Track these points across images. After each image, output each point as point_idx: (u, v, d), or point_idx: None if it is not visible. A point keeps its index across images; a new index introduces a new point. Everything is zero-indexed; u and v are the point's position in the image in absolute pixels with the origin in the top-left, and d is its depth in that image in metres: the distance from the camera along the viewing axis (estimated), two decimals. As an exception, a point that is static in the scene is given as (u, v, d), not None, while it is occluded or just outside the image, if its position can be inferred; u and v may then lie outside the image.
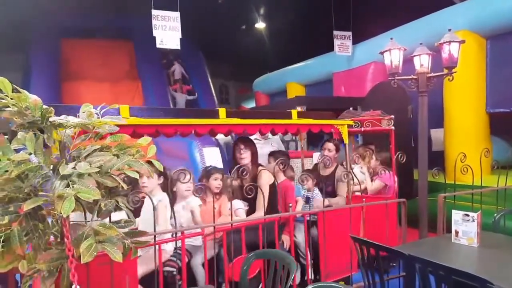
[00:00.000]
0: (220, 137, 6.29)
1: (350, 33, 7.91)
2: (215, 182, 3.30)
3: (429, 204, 3.71)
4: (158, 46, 6.72)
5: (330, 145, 4.13)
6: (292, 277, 1.91)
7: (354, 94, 7.16)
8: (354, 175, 3.77)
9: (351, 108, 4.56)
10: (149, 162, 1.94)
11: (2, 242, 1.58)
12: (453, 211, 2.61)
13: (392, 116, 4.02)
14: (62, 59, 9.95)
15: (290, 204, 3.25)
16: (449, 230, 2.74)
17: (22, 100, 1.67)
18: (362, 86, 7.09)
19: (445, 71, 3.54)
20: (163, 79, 10.64)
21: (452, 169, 4.03)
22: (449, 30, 3.40)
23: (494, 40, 5.63)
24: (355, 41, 7.94)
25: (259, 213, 3.26)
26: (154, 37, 6.57)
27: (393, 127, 4.30)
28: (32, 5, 8.21)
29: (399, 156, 3.59)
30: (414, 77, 3.45)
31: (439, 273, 1.78)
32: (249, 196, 2.81)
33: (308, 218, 3.25)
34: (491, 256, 2.41)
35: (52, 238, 1.85)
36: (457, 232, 2.59)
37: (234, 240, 2.74)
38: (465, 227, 2.54)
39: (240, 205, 3.37)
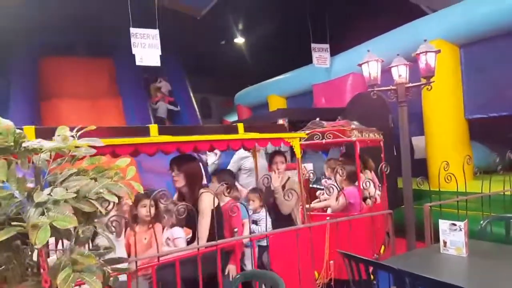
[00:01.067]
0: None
1: (327, 46, 8.04)
2: (143, 210, 2.95)
3: (414, 213, 3.72)
4: (137, 63, 6.67)
5: (281, 158, 3.88)
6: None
7: (334, 105, 7.23)
8: (327, 189, 3.71)
9: (317, 119, 4.43)
10: (129, 184, 1.88)
11: (-27, 277, 1.50)
12: (440, 221, 2.62)
13: (356, 126, 3.93)
14: (41, 77, 9.77)
15: (236, 229, 2.99)
16: (437, 239, 2.74)
17: (-8, 126, 1.60)
18: (342, 96, 7.18)
19: (423, 80, 3.61)
20: (143, 95, 10.56)
21: (435, 176, 4.09)
22: (425, 40, 3.48)
23: (467, 48, 5.80)
24: (333, 53, 8.07)
25: (200, 242, 2.80)
26: (134, 54, 6.52)
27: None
28: (10, 22, 8.05)
29: (384, 167, 3.62)
30: (393, 87, 3.50)
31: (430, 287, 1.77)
32: (180, 216, 2.55)
33: (259, 243, 3.10)
34: (481, 266, 2.40)
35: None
36: (445, 242, 2.58)
37: (168, 276, 2.38)
38: (452, 237, 2.54)
39: (179, 234, 2.99)
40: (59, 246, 1.81)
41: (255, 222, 3.51)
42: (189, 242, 3.04)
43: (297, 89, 9.30)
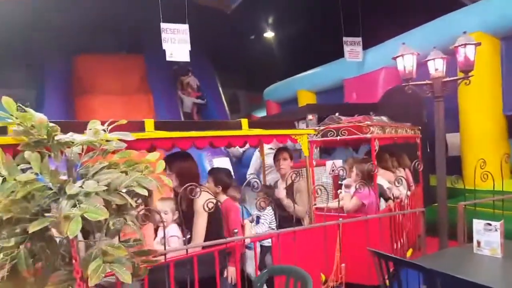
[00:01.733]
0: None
1: (360, 39, 7.83)
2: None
3: (447, 212, 3.58)
4: (168, 59, 6.75)
5: (285, 154, 3.66)
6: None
7: (365, 100, 7.05)
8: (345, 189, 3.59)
9: (337, 114, 4.22)
10: (158, 178, 1.90)
11: (9, 265, 1.55)
12: (475, 221, 2.49)
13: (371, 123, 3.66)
14: (75, 74, 10.12)
15: (236, 230, 2.73)
16: (470, 238, 2.62)
17: (27, 119, 1.65)
18: (374, 91, 6.99)
19: (460, 74, 3.44)
20: (173, 91, 10.72)
21: (470, 174, 3.91)
22: (464, 32, 3.30)
23: (508, 40, 5.48)
24: (365, 47, 7.86)
25: (196, 243, 2.66)
26: (164, 50, 6.61)
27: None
28: (44, 22, 8.37)
29: (416, 164, 3.47)
30: (429, 82, 3.35)
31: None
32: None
33: (262, 243, 3.00)
34: (517, 268, 2.27)
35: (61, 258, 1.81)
36: (479, 243, 2.46)
37: (161, 278, 2.25)
38: (487, 237, 2.42)
39: (175, 232, 2.74)
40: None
41: (257, 219, 3.37)
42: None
43: (328, 84, 9.15)
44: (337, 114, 4.11)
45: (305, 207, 3.36)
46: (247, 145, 3.21)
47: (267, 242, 3.11)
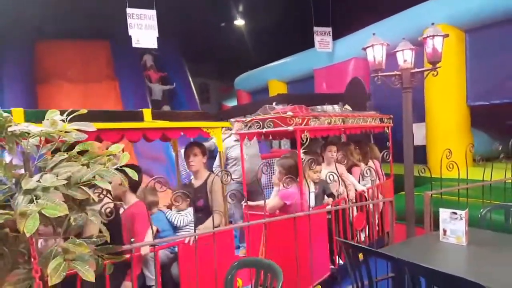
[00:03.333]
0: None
1: (330, 29, 7.87)
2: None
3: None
4: (134, 45, 6.52)
5: (195, 150, 3.27)
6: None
7: (335, 90, 7.13)
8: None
9: (274, 104, 3.96)
10: (122, 170, 1.82)
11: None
12: (441, 210, 2.57)
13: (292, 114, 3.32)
14: (37, 61, 9.64)
15: (132, 240, 2.27)
16: (436, 226, 2.71)
17: (-23, 109, 1.53)
18: (344, 81, 7.07)
19: (427, 65, 3.51)
20: (141, 78, 10.43)
21: (435, 163, 4.04)
22: (432, 24, 3.36)
23: (473, 33, 5.67)
24: (335, 37, 7.91)
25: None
26: (131, 36, 6.38)
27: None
28: (4, 6, 7.86)
29: (385, 155, 3.54)
30: (398, 73, 3.39)
31: (429, 277, 1.73)
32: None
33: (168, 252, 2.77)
34: (480, 255, 2.37)
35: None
36: (445, 231, 2.55)
37: None
38: (453, 226, 2.50)
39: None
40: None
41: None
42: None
43: (298, 74, 9.16)
44: (274, 103, 3.82)
45: (219, 207, 3.04)
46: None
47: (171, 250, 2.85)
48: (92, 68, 10.27)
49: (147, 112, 2.69)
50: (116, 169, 1.78)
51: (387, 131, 4.59)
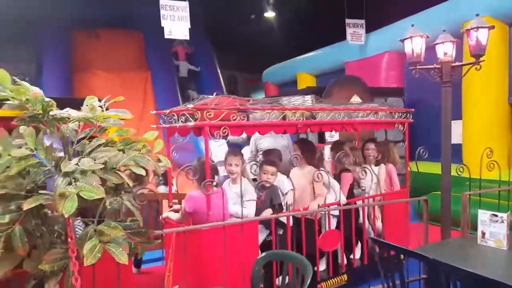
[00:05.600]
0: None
1: (363, 21, 7.67)
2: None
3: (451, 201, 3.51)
4: (166, 36, 6.59)
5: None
6: (308, 283, 1.80)
7: (367, 83, 6.96)
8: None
9: (214, 94, 3.53)
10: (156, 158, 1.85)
11: (3, 243, 1.51)
12: (480, 211, 2.45)
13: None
14: (74, 50, 9.93)
15: None
16: (472, 228, 2.59)
17: (21, 93, 1.59)
18: (376, 75, 6.90)
19: (467, 59, 3.35)
20: (172, 69, 10.58)
21: (472, 162, 3.87)
22: (477, 15, 3.18)
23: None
24: (368, 30, 7.71)
25: None
26: (163, 28, 6.45)
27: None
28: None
29: (421, 151, 3.34)
30: (438, 66, 3.24)
31: (467, 280, 1.66)
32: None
33: None
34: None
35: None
36: (483, 234, 2.43)
37: None
38: (493, 228, 2.38)
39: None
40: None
41: None
42: None
43: (329, 67, 9.02)
44: (214, 94, 3.37)
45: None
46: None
47: None
48: (126, 58, 10.46)
49: None
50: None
51: (401, 128, 3.87)
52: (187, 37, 6.62)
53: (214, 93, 3.03)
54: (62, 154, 1.72)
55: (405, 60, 6.20)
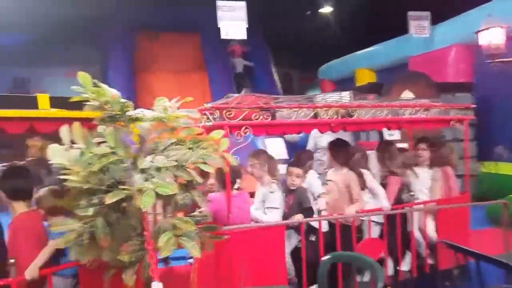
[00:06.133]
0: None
1: (428, 13, 7.23)
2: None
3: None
4: (223, 37, 6.70)
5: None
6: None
7: (434, 79, 6.57)
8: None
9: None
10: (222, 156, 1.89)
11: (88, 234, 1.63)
12: None
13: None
14: (136, 51, 10.49)
15: (12, 260, 2.18)
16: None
17: (101, 95, 1.70)
18: (443, 70, 6.48)
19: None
20: (228, 69, 10.77)
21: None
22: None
23: None
24: (435, 21, 7.26)
25: None
26: (219, 27, 6.57)
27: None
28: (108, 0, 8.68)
29: (501, 150, 3.05)
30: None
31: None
32: None
33: None
34: None
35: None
36: None
37: None
38: None
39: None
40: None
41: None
42: None
43: (390, 62, 8.63)
44: (243, 91, 3.11)
45: None
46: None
47: None
48: (184, 59, 10.86)
49: (43, 99, 2.13)
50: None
51: (458, 126, 3.52)
52: (244, 37, 6.69)
53: (243, 91, 2.98)
54: (137, 152, 1.82)
55: (475, 53, 5.76)
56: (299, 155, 3.61)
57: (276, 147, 6.43)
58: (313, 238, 2.93)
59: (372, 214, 3.02)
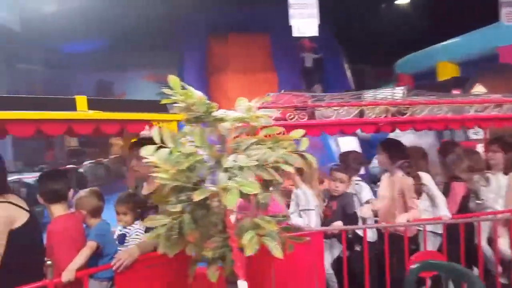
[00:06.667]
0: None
1: (522, -3, 6.48)
2: None
3: None
4: (294, 35, 6.67)
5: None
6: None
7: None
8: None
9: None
10: (301, 155, 1.88)
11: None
12: None
13: None
14: (209, 53, 10.91)
15: (49, 262, 2.22)
16: None
17: (189, 97, 1.78)
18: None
19: None
20: (297, 69, 10.73)
21: None
22: None
23: None
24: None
25: None
26: (289, 27, 6.55)
27: None
28: (181, 4, 9.13)
29: None
30: None
31: None
32: None
33: None
34: None
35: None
36: None
37: None
38: None
39: None
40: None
41: (122, 238, 2.51)
42: None
43: (476, 54, 7.91)
44: (282, 91, 2.93)
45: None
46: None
47: None
48: (254, 60, 11.04)
49: (81, 100, 2.09)
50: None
51: None
52: (316, 33, 6.60)
53: (282, 90, 2.86)
54: (220, 151, 1.88)
55: None
56: (345, 157, 3.37)
57: (348, 144, 6.25)
58: (358, 248, 2.73)
59: (427, 223, 2.71)
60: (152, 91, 14.18)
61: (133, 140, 2.54)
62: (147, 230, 2.27)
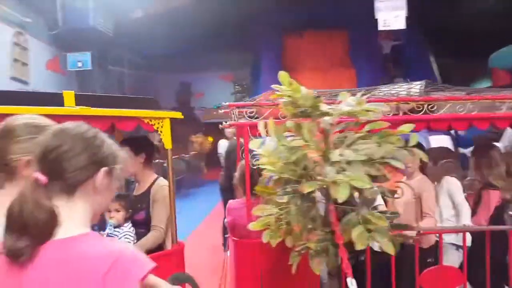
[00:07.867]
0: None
1: None
2: None
3: None
4: (381, 28, 6.48)
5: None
6: None
7: None
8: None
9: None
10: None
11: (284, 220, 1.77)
12: None
13: None
14: (285, 52, 10.96)
15: None
16: None
17: (297, 91, 1.81)
18: None
19: None
20: (376, 66, 10.33)
21: None
22: None
23: None
24: None
25: None
26: (368, 22, 6.36)
27: None
28: (256, 4, 9.30)
29: None
30: None
31: None
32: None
33: None
34: None
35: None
36: None
37: None
38: None
39: None
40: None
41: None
42: None
43: None
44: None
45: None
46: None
47: None
48: (331, 56, 10.86)
49: (68, 96, 1.95)
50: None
51: None
52: (403, 26, 6.34)
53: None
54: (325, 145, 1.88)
55: None
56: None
57: (440, 143, 5.85)
58: (362, 258, 2.44)
59: (443, 231, 2.31)
60: (228, 90, 14.73)
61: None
62: (137, 233, 2.30)
